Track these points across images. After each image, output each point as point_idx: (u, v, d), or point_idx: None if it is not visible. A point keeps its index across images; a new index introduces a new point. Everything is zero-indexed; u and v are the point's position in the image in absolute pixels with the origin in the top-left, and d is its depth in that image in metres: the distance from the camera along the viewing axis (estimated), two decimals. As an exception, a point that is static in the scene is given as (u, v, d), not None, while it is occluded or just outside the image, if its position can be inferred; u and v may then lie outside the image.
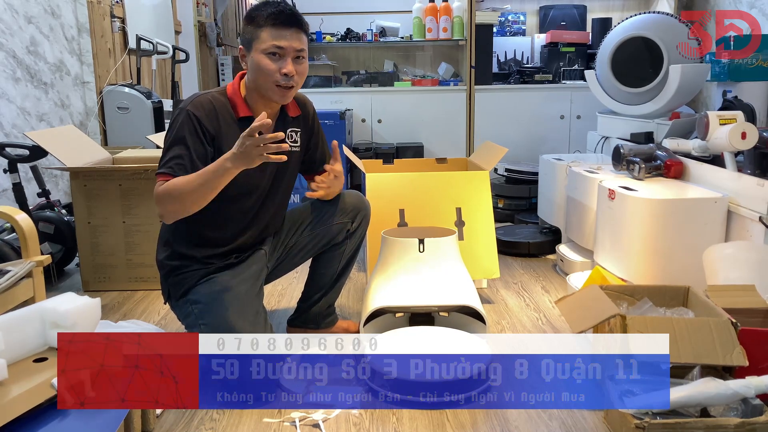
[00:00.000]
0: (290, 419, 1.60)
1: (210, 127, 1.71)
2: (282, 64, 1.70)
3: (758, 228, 2.05)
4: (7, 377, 1.35)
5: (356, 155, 2.85)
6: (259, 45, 1.70)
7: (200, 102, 1.72)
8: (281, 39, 1.69)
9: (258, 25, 1.70)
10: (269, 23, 1.69)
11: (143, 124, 3.67)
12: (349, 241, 2.02)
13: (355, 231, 2.02)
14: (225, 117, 1.75)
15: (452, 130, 4.16)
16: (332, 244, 2.01)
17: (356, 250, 2.06)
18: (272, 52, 1.70)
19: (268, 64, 1.70)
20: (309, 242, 2.01)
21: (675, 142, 2.58)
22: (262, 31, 1.70)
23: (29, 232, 1.95)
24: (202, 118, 1.70)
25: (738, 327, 1.54)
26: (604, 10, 4.54)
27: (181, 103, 1.74)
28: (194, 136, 1.69)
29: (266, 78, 1.71)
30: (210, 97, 1.75)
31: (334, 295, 2.11)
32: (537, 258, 3.04)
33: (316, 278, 2.07)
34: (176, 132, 1.70)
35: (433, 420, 1.60)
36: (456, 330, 1.95)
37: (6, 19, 3.01)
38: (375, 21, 4.35)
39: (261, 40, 1.70)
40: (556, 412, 1.64)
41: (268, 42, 1.69)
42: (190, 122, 1.69)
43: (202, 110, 1.71)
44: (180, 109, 1.73)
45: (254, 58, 1.71)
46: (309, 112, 1.95)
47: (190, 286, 1.78)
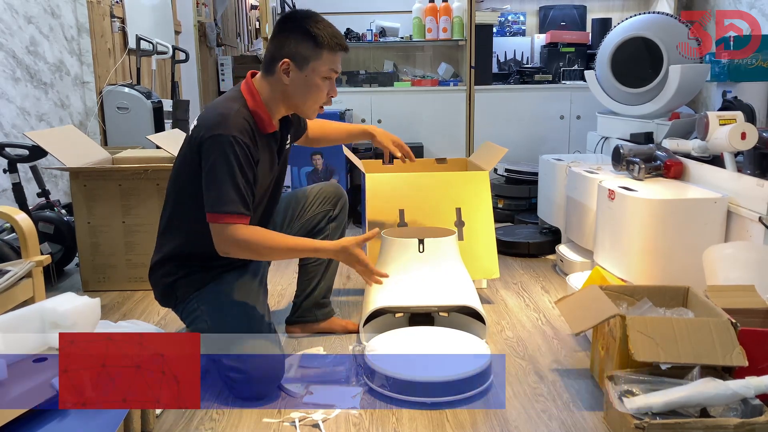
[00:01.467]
0: (290, 419, 1.60)
1: (255, 153, 1.67)
2: (330, 88, 1.72)
3: (758, 228, 2.05)
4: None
5: (356, 155, 2.84)
6: (318, 65, 1.68)
7: (241, 126, 1.63)
8: (338, 65, 1.71)
9: (319, 45, 1.67)
10: (331, 47, 1.68)
11: (143, 124, 3.67)
12: (331, 224, 2.08)
13: (337, 216, 2.09)
14: (256, 136, 1.69)
15: (452, 131, 4.16)
16: (316, 230, 2.06)
17: (340, 236, 2.08)
18: (327, 76, 1.70)
19: (322, 86, 1.70)
20: (297, 233, 2.05)
21: (675, 142, 2.58)
22: (323, 52, 1.67)
23: (29, 232, 1.95)
24: (249, 145, 1.64)
25: (738, 327, 1.54)
26: (604, 11, 4.54)
27: (220, 126, 1.62)
28: (248, 166, 1.64)
29: (316, 99, 1.72)
30: (243, 117, 1.66)
31: (326, 284, 2.13)
32: (537, 258, 3.04)
33: (308, 270, 2.11)
34: (233, 163, 1.60)
35: (433, 420, 1.60)
36: (456, 330, 1.96)
37: (6, 19, 3.01)
38: (375, 21, 4.35)
39: (321, 62, 1.68)
40: (556, 412, 1.64)
41: (328, 65, 1.69)
42: (243, 151, 1.62)
43: (246, 136, 1.64)
44: (222, 135, 1.61)
45: (309, 77, 1.68)
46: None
47: (196, 287, 1.79)
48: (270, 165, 1.79)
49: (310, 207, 2.07)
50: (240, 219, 1.62)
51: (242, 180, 1.62)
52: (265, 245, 1.64)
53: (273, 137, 1.78)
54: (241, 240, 1.62)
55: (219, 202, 1.61)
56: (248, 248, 1.64)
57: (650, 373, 1.53)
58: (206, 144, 1.63)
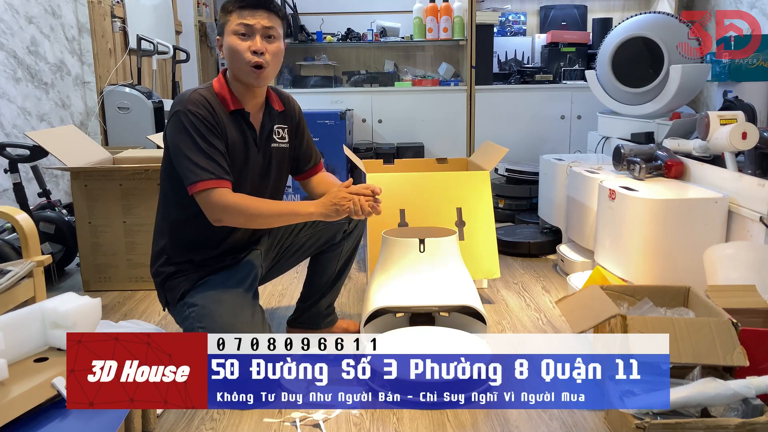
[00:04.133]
0: (291, 419, 1.60)
1: (215, 123, 1.70)
2: (250, 42, 1.70)
3: (759, 228, 2.05)
4: (8, 377, 1.35)
5: (357, 155, 2.85)
6: (228, 27, 1.71)
7: (195, 100, 1.69)
8: (248, 18, 1.69)
9: (227, 11, 1.71)
10: (237, 6, 1.69)
11: (144, 124, 3.67)
12: (346, 241, 2.02)
13: (352, 231, 2.02)
14: (219, 112, 1.73)
15: (453, 130, 4.16)
16: (330, 245, 2.01)
17: (354, 250, 2.06)
18: (241, 32, 1.69)
19: (238, 44, 1.69)
20: (305, 242, 2.01)
21: (675, 142, 2.58)
22: (231, 14, 1.70)
23: (30, 232, 1.95)
24: (206, 116, 1.68)
25: (738, 327, 1.53)
26: (605, 11, 4.54)
27: (176, 105, 1.70)
28: (210, 133, 1.67)
29: (238, 59, 1.70)
30: (200, 94, 1.72)
31: (333, 296, 2.11)
32: (537, 258, 3.04)
33: (315, 279, 2.07)
34: (192, 133, 1.66)
35: (434, 420, 1.60)
36: (456, 330, 1.95)
37: (6, 19, 3.01)
38: (375, 21, 4.35)
39: (230, 23, 1.70)
40: (557, 412, 1.64)
41: (236, 22, 1.69)
42: (199, 121, 1.67)
43: (202, 108, 1.69)
44: (178, 111, 1.68)
45: (227, 41, 1.71)
46: (294, 109, 1.94)
47: (186, 289, 1.79)
48: (244, 146, 1.77)
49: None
50: (218, 183, 1.65)
51: (208, 147, 1.66)
52: (252, 205, 1.68)
53: (241, 116, 1.77)
54: (227, 204, 1.65)
55: (194, 173, 1.65)
56: (240, 211, 1.66)
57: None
58: (167, 126, 1.71)
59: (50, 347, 1.52)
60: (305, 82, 4.22)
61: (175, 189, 1.74)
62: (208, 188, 1.64)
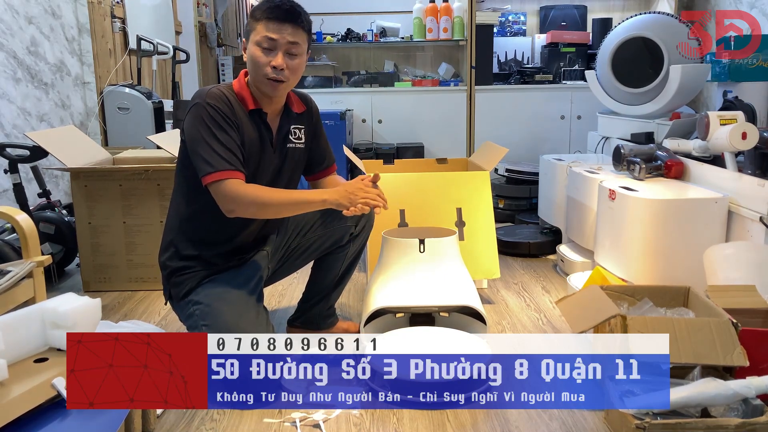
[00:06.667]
0: (291, 419, 1.60)
1: (233, 117, 1.72)
2: (272, 57, 1.70)
3: (759, 228, 2.05)
4: (8, 377, 1.35)
5: (357, 155, 2.85)
6: (254, 36, 1.71)
7: (215, 95, 1.71)
8: (274, 32, 1.69)
9: (256, 18, 1.71)
10: (265, 16, 1.69)
11: (144, 125, 3.66)
12: (352, 244, 2.02)
13: (359, 234, 2.02)
14: (237, 109, 1.74)
15: (452, 131, 4.16)
16: (336, 247, 2.01)
17: (359, 253, 2.06)
18: (264, 45, 1.70)
19: (260, 57, 1.70)
20: (312, 244, 2.01)
21: (675, 142, 2.58)
22: (259, 23, 1.70)
23: (30, 232, 1.95)
24: (224, 109, 1.70)
25: (739, 327, 1.53)
26: (605, 11, 4.54)
27: (196, 98, 1.72)
28: (227, 125, 1.69)
29: (258, 71, 1.71)
30: (220, 90, 1.74)
31: (335, 297, 2.11)
32: (537, 258, 3.04)
33: (318, 280, 2.07)
34: (209, 125, 1.67)
35: (434, 420, 1.60)
36: (456, 330, 1.95)
37: (6, 20, 3.02)
38: (375, 21, 4.35)
39: (256, 32, 1.71)
40: (557, 412, 1.64)
41: (262, 34, 1.70)
42: (216, 113, 1.68)
43: (221, 102, 1.70)
44: (197, 103, 1.70)
45: (250, 49, 1.72)
46: (312, 109, 1.95)
47: (191, 287, 1.79)
48: (259, 146, 1.78)
49: (329, 220, 1.98)
50: (232, 174, 1.66)
51: (225, 137, 1.68)
52: (266, 194, 1.69)
53: (259, 117, 1.78)
54: (239, 193, 1.65)
55: (208, 164, 1.66)
56: (253, 201, 1.67)
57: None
58: (185, 120, 1.71)
59: (50, 347, 1.52)
60: (305, 83, 4.23)
61: (189, 182, 1.76)
62: (222, 179, 1.65)
